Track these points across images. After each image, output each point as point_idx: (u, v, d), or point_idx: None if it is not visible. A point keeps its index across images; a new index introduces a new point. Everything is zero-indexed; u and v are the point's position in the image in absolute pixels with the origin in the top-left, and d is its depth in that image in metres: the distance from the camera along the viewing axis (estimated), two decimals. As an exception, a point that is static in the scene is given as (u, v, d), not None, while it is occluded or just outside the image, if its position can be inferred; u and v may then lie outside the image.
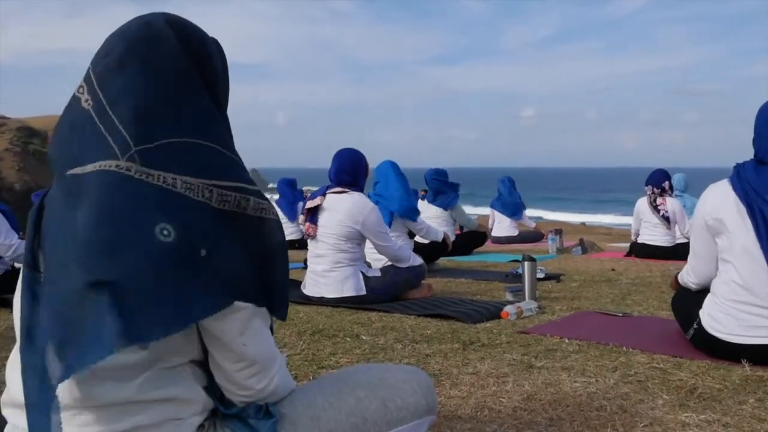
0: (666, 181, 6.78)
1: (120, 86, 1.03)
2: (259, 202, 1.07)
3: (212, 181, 1.02)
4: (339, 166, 3.78)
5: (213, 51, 1.15)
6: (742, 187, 2.43)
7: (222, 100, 1.16)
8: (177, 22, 1.12)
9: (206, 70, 1.12)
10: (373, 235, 3.75)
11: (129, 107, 1.02)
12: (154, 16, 1.12)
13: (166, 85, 1.05)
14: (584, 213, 48.36)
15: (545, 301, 3.83)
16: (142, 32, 1.08)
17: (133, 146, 0.98)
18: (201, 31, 1.16)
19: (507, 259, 6.64)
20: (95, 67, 1.07)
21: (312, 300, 3.77)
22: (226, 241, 1.01)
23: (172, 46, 1.08)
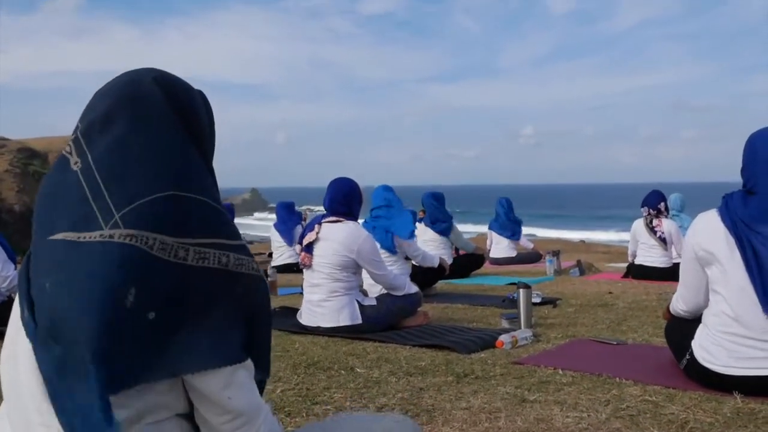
0: (662, 203, 6.81)
1: (106, 146, 1.06)
2: (239, 258, 1.09)
3: (189, 239, 1.03)
4: (333, 195, 3.81)
5: (199, 105, 1.18)
6: (730, 218, 2.44)
7: (208, 153, 1.18)
8: (164, 80, 1.14)
9: (193, 124, 1.14)
10: (368, 264, 3.77)
11: (114, 167, 1.04)
12: (141, 73, 1.15)
13: (152, 142, 1.07)
14: (584, 230, 48.35)
15: (541, 327, 3.84)
16: (129, 90, 1.11)
17: (116, 212, 1.00)
18: (187, 87, 1.19)
19: (504, 282, 6.65)
20: (83, 126, 1.09)
21: (308, 329, 3.78)
22: (198, 299, 1.03)
23: (159, 104, 1.11)
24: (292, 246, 8.44)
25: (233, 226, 1.13)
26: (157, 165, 1.06)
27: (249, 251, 1.13)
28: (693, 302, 2.67)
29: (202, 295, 1.03)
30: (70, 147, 1.08)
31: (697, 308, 2.67)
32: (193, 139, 1.13)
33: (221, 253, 1.06)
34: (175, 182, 1.06)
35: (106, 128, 1.07)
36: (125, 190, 1.03)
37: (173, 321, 1.00)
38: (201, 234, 1.05)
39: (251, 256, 1.13)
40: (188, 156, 1.11)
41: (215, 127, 1.24)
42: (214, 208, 1.10)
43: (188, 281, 1.02)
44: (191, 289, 1.02)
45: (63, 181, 1.06)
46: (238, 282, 1.07)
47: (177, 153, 1.09)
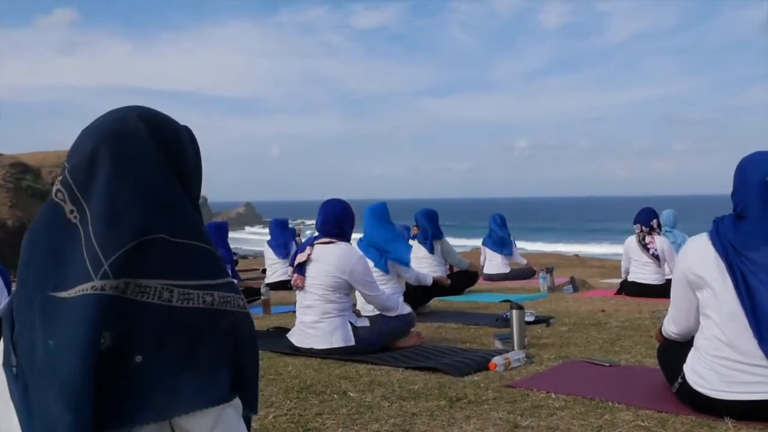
0: (654, 219, 6.84)
1: (95, 190, 1.06)
2: (224, 296, 1.09)
3: (174, 281, 1.04)
4: (325, 217, 3.82)
5: (185, 141, 1.19)
6: (721, 243, 2.46)
7: (194, 189, 1.19)
8: (149, 117, 1.15)
9: (178, 161, 1.15)
10: (361, 285, 3.77)
11: (103, 213, 1.05)
12: (127, 111, 1.15)
13: (138, 183, 1.08)
14: (578, 243, 48.50)
15: (534, 348, 3.84)
16: (114, 128, 1.11)
17: (105, 261, 1.01)
18: (173, 123, 1.19)
19: (498, 299, 6.65)
20: (70, 167, 1.09)
21: (301, 351, 3.77)
22: (184, 340, 1.03)
23: (145, 142, 1.11)
24: (285, 262, 8.43)
25: (219, 264, 1.13)
26: (144, 207, 1.06)
27: (235, 288, 1.14)
28: (684, 325, 2.68)
29: (187, 336, 1.04)
30: (62, 193, 1.08)
31: (688, 331, 2.68)
32: (179, 176, 1.14)
33: (206, 293, 1.07)
34: (161, 224, 1.07)
35: (93, 169, 1.08)
36: (114, 236, 1.03)
37: (160, 363, 1.01)
38: (186, 275, 1.06)
39: (238, 292, 1.14)
40: (174, 195, 1.12)
41: (201, 161, 1.25)
42: (199, 248, 1.10)
43: (173, 322, 1.03)
44: (177, 330, 1.03)
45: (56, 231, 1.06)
46: (224, 319, 1.08)
47: (163, 193, 1.10)
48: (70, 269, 1.03)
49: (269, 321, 5.46)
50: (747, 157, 2.54)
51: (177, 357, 1.02)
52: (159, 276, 1.04)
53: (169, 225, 1.07)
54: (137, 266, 1.03)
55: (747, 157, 2.54)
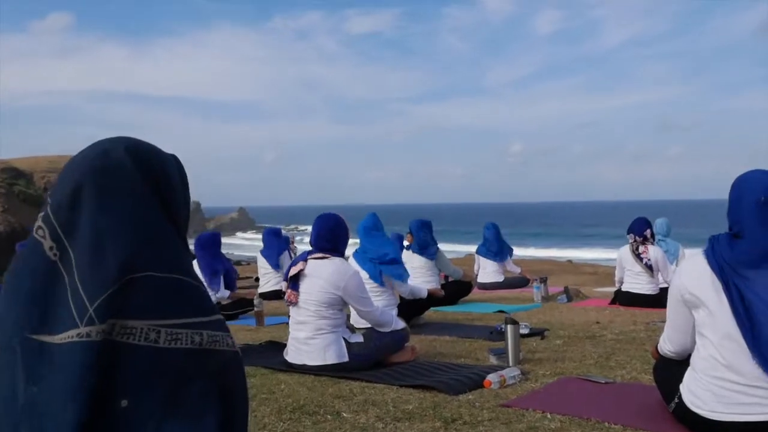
0: (647, 229, 6.84)
1: (79, 227, 1.04)
2: (213, 334, 1.06)
3: (161, 321, 1.02)
4: (318, 232, 3.79)
5: (172, 172, 1.16)
6: (717, 262, 2.44)
7: (181, 221, 1.17)
8: (136, 149, 1.12)
9: (165, 194, 1.13)
10: (355, 301, 3.74)
11: (87, 252, 1.02)
12: (112, 143, 1.13)
13: (124, 219, 1.05)
14: (571, 248, 48.64)
15: (529, 364, 3.82)
16: (99, 162, 1.09)
17: (89, 306, 0.98)
18: (160, 154, 1.17)
19: (492, 309, 6.63)
20: (53, 202, 1.07)
21: (294, 367, 3.73)
22: (171, 383, 1.00)
23: (131, 176, 1.09)
24: (279, 271, 8.40)
25: (208, 301, 1.11)
26: (129, 245, 1.04)
27: (224, 325, 1.11)
28: (680, 343, 2.66)
29: (174, 379, 1.01)
30: (43, 230, 1.05)
31: (684, 350, 2.66)
32: (166, 210, 1.12)
33: (194, 332, 1.04)
34: (147, 262, 1.04)
35: (77, 206, 1.05)
36: (98, 276, 1.00)
37: (146, 407, 0.98)
38: (173, 314, 1.04)
39: (227, 330, 1.11)
40: (160, 231, 1.09)
41: (189, 191, 1.23)
42: (187, 285, 1.08)
43: (160, 365, 1.01)
44: (163, 373, 1.01)
45: (37, 270, 1.03)
46: (212, 359, 1.06)
47: (149, 229, 1.07)
48: (53, 313, 1.00)
49: (262, 333, 5.43)
50: (742, 175, 2.53)
51: (164, 401, 1.00)
52: (145, 316, 1.01)
53: (155, 262, 1.05)
54: (123, 307, 1.00)
55: (742, 175, 2.53)
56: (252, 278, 11.12)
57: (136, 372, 0.99)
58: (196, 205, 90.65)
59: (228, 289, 6.65)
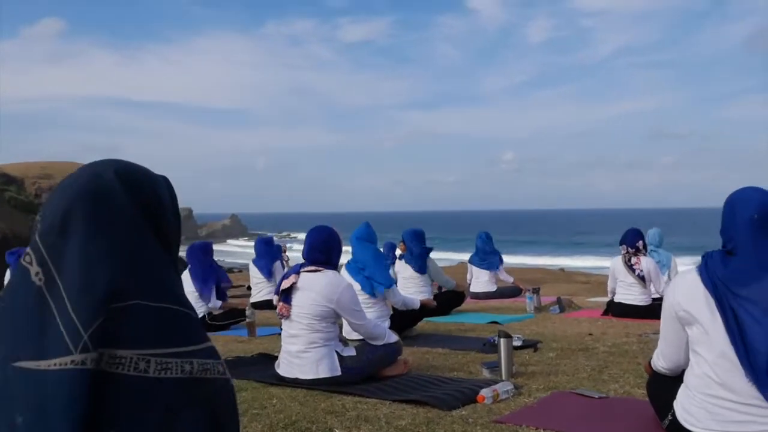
0: (640, 241, 6.86)
1: (68, 253, 1.02)
2: (203, 363, 1.05)
3: (151, 350, 1.00)
4: (311, 244, 3.78)
5: (163, 195, 1.15)
6: (710, 279, 2.44)
7: (172, 245, 1.16)
8: (126, 173, 1.11)
9: (156, 218, 1.11)
10: (348, 314, 3.72)
11: (77, 278, 1.00)
12: (102, 167, 1.11)
13: (114, 245, 1.04)
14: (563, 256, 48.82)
15: (522, 377, 3.80)
16: (89, 187, 1.07)
17: (84, 332, 0.96)
18: (151, 177, 1.15)
19: (485, 320, 6.63)
20: (42, 228, 1.05)
21: (286, 381, 3.71)
22: (160, 414, 0.99)
23: (121, 201, 1.07)
24: (271, 280, 8.38)
25: (198, 328, 1.10)
26: (120, 271, 1.02)
27: (215, 352, 1.10)
28: (674, 360, 2.66)
29: (164, 409, 1.00)
30: (30, 256, 1.04)
31: (678, 366, 2.66)
32: (157, 234, 1.11)
33: (184, 361, 1.03)
34: (137, 289, 1.03)
35: (66, 231, 1.03)
36: (89, 303, 0.99)
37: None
38: (164, 343, 1.02)
39: (218, 358, 1.10)
40: (151, 257, 1.08)
41: (179, 213, 1.21)
42: (177, 312, 1.06)
43: (150, 395, 0.99)
44: (153, 404, 0.99)
45: (24, 296, 1.01)
46: (203, 387, 1.04)
47: (140, 255, 1.06)
48: (41, 340, 0.98)
49: (254, 345, 5.40)
50: (735, 193, 2.54)
51: (154, 431, 0.98)
52: (135, 345, 0.99)
53: (146, 289, 1.04)
54: (112, 335, 0.98)
55: (735, 193, 2.54)
56: (244, 287, 11.10)
57: (125, 403, 0.97)
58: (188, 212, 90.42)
59: (220, 300, 6.61)
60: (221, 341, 5.71)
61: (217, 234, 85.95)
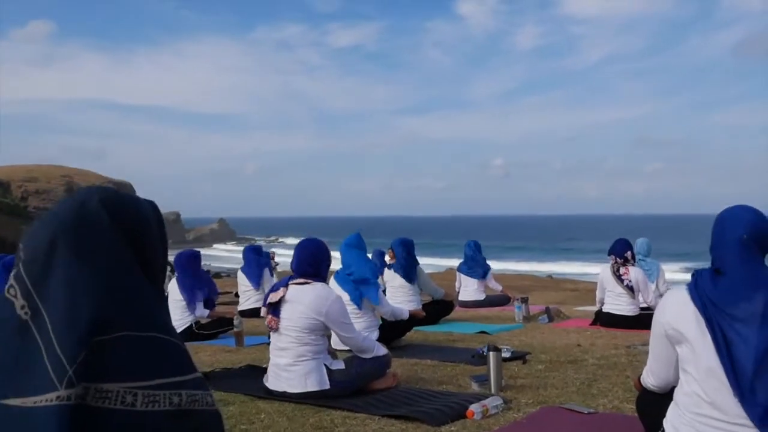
0: (628, 251, 6.89)
1: (53, 285, 1.00)
2: (192, 394, 1.03)
3: (138, 383, 0.98)
4: (300, 257, 3.76)
5: (149, 223, 1.13)
6: (700, 298, 2.44)
7: (158, 272, 1.14)
8: (111, 201, 1.09)
9: (142, 246, 1.10)
10: (337, 327, 3.70)
11: (60, 311, 0.99)
12: (87, 195, 1.09)
13: (99, 277, 1.02)
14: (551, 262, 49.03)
15: (511, 391, 3.80)
16: (74, 217, 1.06)
17: (69, 367, 0.95)
18: (137, 204, 1.14)
19: (474, 329, 6.62)
20: (26, 258, 1.03)
21: (274, 394, 3.68)
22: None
23: (106, 230, 1.06)
24: (259, 289, 8.35)
25: (186, 358, 1.08)
26: (105, 303, 1.00)
27: (204, 383, 1.08)
28: (663, 377, 2.66)
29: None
30: (14, 288, 1.02)
31: (667, 384, 2.66)
32: (143, 263, 1.09)
33: (172, 393, 1.01)
34: (123, 320, 1.01)
35: (51, 262, 1.02)
36: (75, 337, 0.97)
37: None
38: (151, 374, 1.00)
39: (206, 389, 1.08)
40: (137, 287, 1.06)
41: (166, 238, 1.20)
42: (164, 342, 1.05)
43: (137, 428, 0.97)
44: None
45: (10, 331, 0.99)
46: (192, 419, 1.03)
47: (125, 286, 1.04)
48: (27, 376, 0.96)
49: (242, 355, 5.36)
50: (724, 212, 2.54)
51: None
52: (122, 378, 0.98)
53: (132, 319, 1.02)
54: (98, 369, 0.97)
55: (724, 212, 2.54)
56: (232, 293, 11.04)
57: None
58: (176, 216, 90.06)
59: (207, 308, 6.56)
60: (208, 351, 5.66)
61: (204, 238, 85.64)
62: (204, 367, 4.65)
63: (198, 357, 5.34)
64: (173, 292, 6.32)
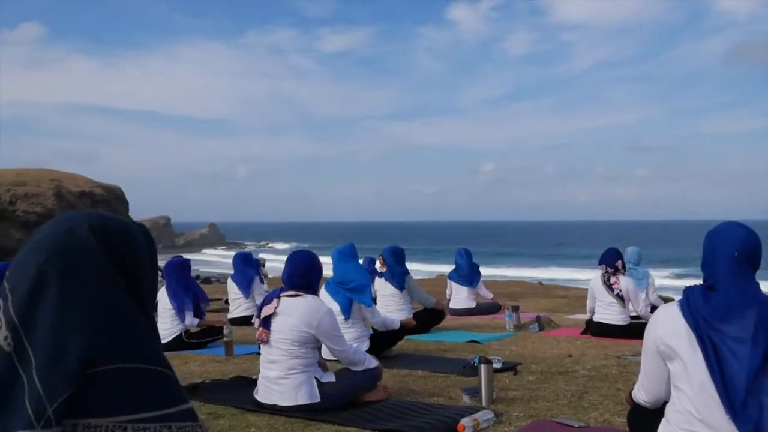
0: (619, 260, 6.91)
1: (39, 318, 0.98)
2: (182, 426, 1.02)
3: (127, 416, 0.96)
4: (292, 269, 3.74)
5: (140, 248, 1.11)
6: (692, 314, 2.44)
7: (147, 299, 1.12)
8: (101, 227, 1.07)
9: (132, 272, 1.08)
10: (328, 339, 3.68)
11: (46, 344, 0.96)
12: (76, 221, 1.07)
13: (86, 307, 1.00)
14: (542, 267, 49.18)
15: (502, 404, 3.78)
16: (62, 243, 1.03)
17: (48, 405, 0.92)
18: (128, 230, 1.11)
19: (465, 338, 6.61)
20: (11, 286, 1.01)
21: (264, 407, 3.65)
22: None
23: (95, 257, 1.03)
24: (249, 297, 8.31)
25: (176, 389, 1.06)
26: (92, 335, 0.98)
27: (194, 414, 1.06)
28: (654, 393, 2.66)
29: None
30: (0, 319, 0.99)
31: (658, 399, 2.65)
32: (134, 290, 1.07)
33: (162, 425, 0.99)
34: (112, 352, 0.99)
35: (36, 293, 0.99)
36: (59, 372, 0.95)
37: None
38: (140, 407, 0.98)
39: (197, 420, 1.06)
40: (127, 316, 1.04)
41: (157, 263, 1.18)
42: (152, 373, 1.03)
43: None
44: None
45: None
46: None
47: (115, 316, 1.02)
48: (8, 411, 0.93)
49: (232, 365, 5.33)
50: (716, 228, 2.55)
51: None
52: (110, 412, 0.96)
53: (119, 351, 1.00)
54: (86, 404, 0.95)
55: (716, 228, 2.55)
56: (222, 300, 10.99)
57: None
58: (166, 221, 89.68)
59: (197, 317, 6.52)
60: (198, 361, 5.62)
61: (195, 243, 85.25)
62: (194, 378, 4.62)
63: (187, 367, 5.30)
64: (162, 300, 6.28)
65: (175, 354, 5.90)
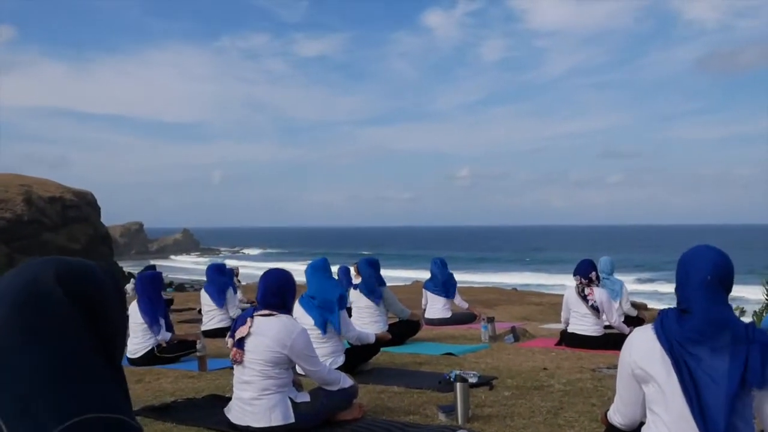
0: (593, 272, 6.95)
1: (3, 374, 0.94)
2: None
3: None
4: (265, 288, 3.69)
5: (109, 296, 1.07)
6: (666, 337, 2.45)
7: (116, 348, 1.08)
8: (68, 275, 1.03)
9: (101, 322, 1.04)
10: (301, 360, 3.63)
11: (14, 403, 0.92)
12: (41, 268, 1.03)
13: (51, 358, 0.96)
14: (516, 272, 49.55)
15: (478, 422, 3.77)
16: (27, 292, 0.99)
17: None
18: (96, 276, 1.07)
19: (440, 351, 6.60)
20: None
21: (238, 429, 3.59)
22: None
23: (62, 310, 0.99)
24: (222, 308, 8.22)
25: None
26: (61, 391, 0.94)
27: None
28: (630, 416, 2.66)
29: None
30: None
31: (633, 422, 2.65)
32: (102, 341, 1.03)
33: None
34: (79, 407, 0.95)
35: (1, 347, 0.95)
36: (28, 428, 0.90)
37: None
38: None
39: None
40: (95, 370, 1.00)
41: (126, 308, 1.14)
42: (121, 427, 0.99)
43: None
44: None
45: None
46: None
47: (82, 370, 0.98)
48: None
49: (205, 381, 5.25)
50: (689, 252, 2.56)
51: None
52: None
53: (89, 405, 0.95)
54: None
55: (689, 252, 2.56)
56: (195, 310, 10.86)
57: None
58: (139, 226, 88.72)
59: (169, 332, 6.42)
60: (170, 377, 5.53)
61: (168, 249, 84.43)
62: (166, 396, 4.54)
63: (159, 384, 5.21)
64: (134, 315, 6.17)
65: (147, 369, 5.81)
